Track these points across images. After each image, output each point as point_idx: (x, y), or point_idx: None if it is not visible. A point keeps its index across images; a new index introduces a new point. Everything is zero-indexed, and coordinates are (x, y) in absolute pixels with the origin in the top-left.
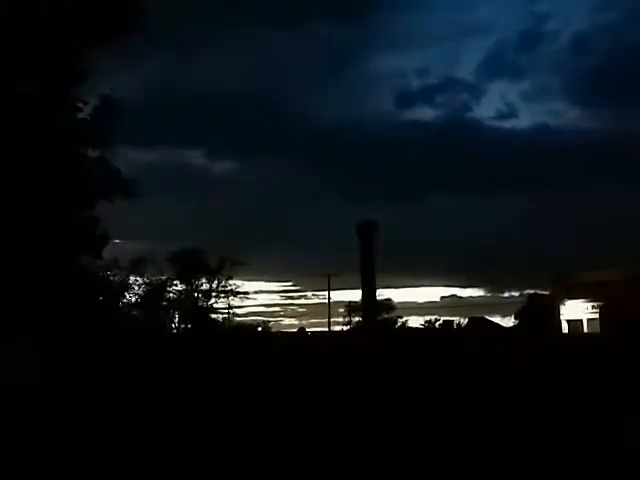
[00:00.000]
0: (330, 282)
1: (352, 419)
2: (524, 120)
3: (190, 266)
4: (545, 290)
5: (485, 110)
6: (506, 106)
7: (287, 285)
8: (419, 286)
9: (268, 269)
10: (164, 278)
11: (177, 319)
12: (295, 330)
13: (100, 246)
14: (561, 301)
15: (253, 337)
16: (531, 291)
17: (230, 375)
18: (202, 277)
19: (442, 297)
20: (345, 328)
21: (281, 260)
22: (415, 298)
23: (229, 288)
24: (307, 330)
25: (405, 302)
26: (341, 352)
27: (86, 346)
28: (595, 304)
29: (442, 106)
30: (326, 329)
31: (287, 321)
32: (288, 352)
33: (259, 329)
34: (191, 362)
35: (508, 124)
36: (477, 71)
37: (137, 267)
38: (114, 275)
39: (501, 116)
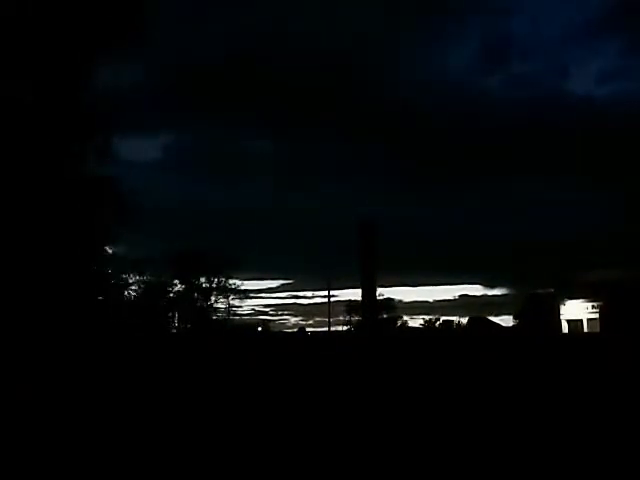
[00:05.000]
0: (330, 282)
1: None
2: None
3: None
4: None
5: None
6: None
7: (290, 283)
8: (436, 284)
9: (272, 267)
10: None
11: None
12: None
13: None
14: None
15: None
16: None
17: None
18: (202, 277)
19: (454, 296)
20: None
21: (287, 258)
22: (433, 297)
23: (230, 287)
24: (307, 330)
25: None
26: None
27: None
28: None
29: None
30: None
31: (287, 320)
32: None
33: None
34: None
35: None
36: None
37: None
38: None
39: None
